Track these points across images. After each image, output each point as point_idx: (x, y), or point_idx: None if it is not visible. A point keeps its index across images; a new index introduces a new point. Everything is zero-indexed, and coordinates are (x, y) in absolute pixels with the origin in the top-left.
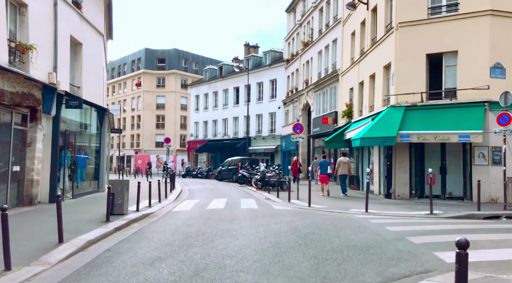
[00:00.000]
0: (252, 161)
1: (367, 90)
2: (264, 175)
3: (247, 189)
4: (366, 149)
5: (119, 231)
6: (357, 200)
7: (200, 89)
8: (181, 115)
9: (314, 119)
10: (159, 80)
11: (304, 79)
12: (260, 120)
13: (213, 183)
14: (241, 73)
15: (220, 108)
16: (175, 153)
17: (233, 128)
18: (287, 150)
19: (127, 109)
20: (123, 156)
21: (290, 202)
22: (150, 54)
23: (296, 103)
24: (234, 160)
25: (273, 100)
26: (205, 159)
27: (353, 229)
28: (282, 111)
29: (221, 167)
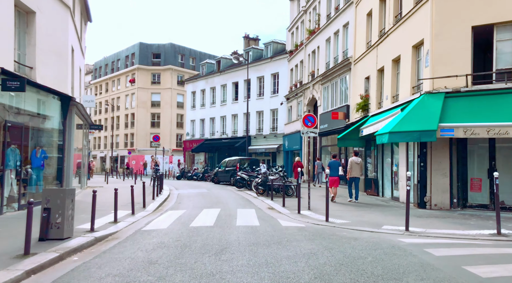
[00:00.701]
0: (252, 161)
1: (389, 77)
2: (266, 178)
3: (246, 194)
4: (387, 146)
5: (35, 274)
6: (381, 209)
7: (196, 85)
8: (177, 113)
9: (321, 115)
10: (154, 77)
11: (309, 71)
12: (260, 117)
13: (208, 186)
14: (240, 67)
15: (218, 105)
16: (171, 153)
17: (232, 127)
18: (291, 149)
19: (121, 107)
20: (117, 156)
21: (301, 214)
22: (145, 49)
23: (300, 98)
24: (232, 160)
25: (275, 96)
26: (202, 159)
27: (419, 275)
28: (284, 108)
29: (218, 168)
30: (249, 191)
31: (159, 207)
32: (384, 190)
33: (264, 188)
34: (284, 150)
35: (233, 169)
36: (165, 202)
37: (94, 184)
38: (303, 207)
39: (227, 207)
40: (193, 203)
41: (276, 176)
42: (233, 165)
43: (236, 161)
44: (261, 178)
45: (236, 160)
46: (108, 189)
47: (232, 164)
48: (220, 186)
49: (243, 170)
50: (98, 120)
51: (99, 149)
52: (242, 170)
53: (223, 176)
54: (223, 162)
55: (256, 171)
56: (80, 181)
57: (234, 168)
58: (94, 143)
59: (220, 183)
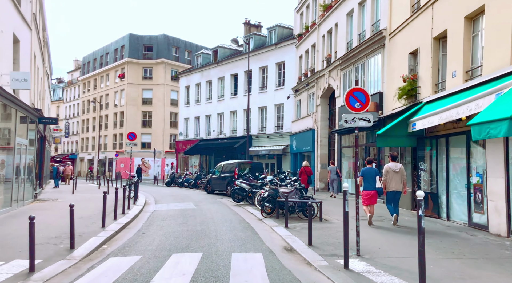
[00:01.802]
0: (254, 166)
1: (459, 44)
2: (276, 191)
3: (247, 212)
4: (458, 145)
5: None
6: (476, 250)
7: (191, 79)
8: (171, 111)
9: (341, 108)
10: (146, 71)
11: (324, 55)
12: (263, 114)
13: (198, 197)
14: (240, 56)
15: (214, 100)
16: (163, 156)
17: (231, 125)
18: (300, 151)
19: (110, 104)
20: (105, 158)
21: (351, 271)
22: (135, 41)
23: (312, 89)
24: (229, 164)
25: (281, 89)
26: (197, 163)
27: None
28: (292, 102)
29: (211, 174)
30: (250, 207)
31: (104, 244)
32: (450, 211)
33: (272, 205)
34: (291, 152)
35: (231, 175)
36: (122, 231)
37: (54, 194)
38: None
39: (215, 247)
40: (163, 234)
41: (289, 187)
42: (231, 171)
43: (234, 165)
44: (268, 190)
45: (234, 164)
46: (62, 204)
47: (229, 169)
48: (213, 196)
49: (243, 177)
50: (86, 119)
51: (87, 150)
52: (242, 177)
53: (218, 184)
54: (218, 166)
55: (261, 178)
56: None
57: (232, 174)
58: (81, 144)
59: (214, 192)
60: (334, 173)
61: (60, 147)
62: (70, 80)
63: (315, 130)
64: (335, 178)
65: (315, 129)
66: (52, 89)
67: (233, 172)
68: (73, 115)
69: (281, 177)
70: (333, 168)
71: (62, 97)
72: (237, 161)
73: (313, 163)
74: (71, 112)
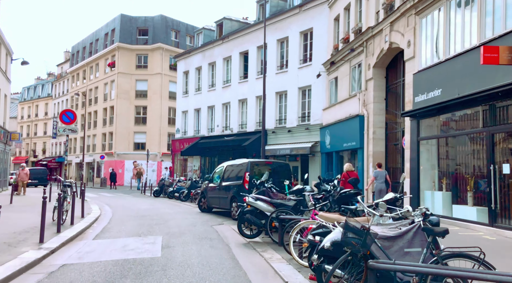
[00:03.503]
0: (277, 168)
1: None
2: (363, 235)
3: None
4: None
5: None
6: None
7: (190, 62)
8: (169, 106)
9: (418, 75)
10: (140, 59)
11: (381, 2)
12: (282, 101)
13: (182, 221)
14: (252, 28)
15: (219, 87)
16: (160, 158)
17: (239, 118)
18: (337, 149)
19: (99, 99)
20: (93, 161)
21: None
22: (127, 23)
23: (358, 57)
24: (236, 166)
25: (306, 66)
26: (197, 166)
27: None
28: (323, 83)
29: (208, 182)
30: (277, 253)
31: None
32: None
33: (355, 270)
34: (322, 151)
35: (238, 184)
36: None
37: None
38: None
39: None
40: None
41: (401, 222)
42: (238, 176)
43: (244, 168)
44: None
45: (244, 166)
46: None
47: (235, 173)
48: (208, 220)
49: (258, 187)
50: None
51: (75, 153)
52: (257, 187)
53: (218, 197)
54: (218, 170)
55: (294, 192)
56: None
57: (240, 183)
58: (70, 146)
59: (212, 210)
60: (382, 180)
61: (48, 150)
62: (59, 73)
63: (363, 117)
64: (383, 188)
65: (364, 115)
66: (41, 85)
67: (242, 178)
68: None
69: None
70: (380, 173)
71: (51, 93)
72: (248, 160)
73: (361, 166)
74: (59, 109)
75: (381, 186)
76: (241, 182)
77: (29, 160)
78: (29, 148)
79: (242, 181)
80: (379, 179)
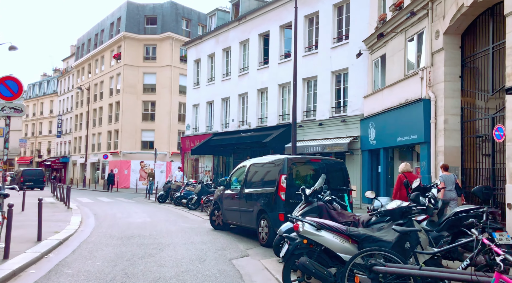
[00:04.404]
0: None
1: None
2: None
3: None
4: None
5: None
6: None
7: (202, 49)
8: (179, 101)
9: None
10: (148, 50)
11: None
12: (311, 89)
13: (188, 250)
14: (275, 4)
15: (234, 76)
16: (169, 158)
17: (258, 111)
18: (386, 145)
19: (105, 94)
20: (98, 162)
21: None
22: (134, 11)
23: (417, 26)
24: (264, 165)
25: (342, 45)
26: (209, 167)
27: None
28: (363, 64)
29: (224, 188)
30: None
31: None
32: None
33: None
34: (364, 148)
35: (269, 192)
36: None
37: None
38: None
39: None
40: None
41: None
42: (268, 181)
43: (278, 167)
44: None
45: (278, 165)
46: None
47: (264, 176)
48: (225, 244)
49: (309, 200)
50: (79, 115)
51: (80, 152)
52: (307, 199)
53: (237, 210)
54: (237, 172)
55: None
56: None
57: (271, 190)
58: (74, 145)
59: (230, 226)
60: (452, 186)
61: (53, 149)
62: (64, 69)
63: (429, 101)
64: (454, 196)
65: (429, 99)
66: (46, 81)
67: (276, 184)
68: (67, 110)
69: (425, 202)
70: (448, 177)
71: (56, 89)
72: (284, 156)
73: (426, 166)
74: (65, 106)
75: (451, 195)
76: (273, 188)
77: (33, 160)
78: (34, 147)
79: (276, 188)
80: (448, 186)
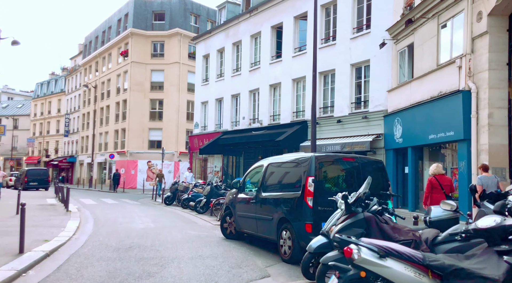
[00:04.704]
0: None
1: None
2: None
3: None
4: None
5: None
6: None
7: (211, 43)
8: (188, 100)
9: None
10: (155, 47)
11: None
12: (328, 83)
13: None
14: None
15: (245, 71)
16: (177, 158)
17: (270, 107)
18: (415, 144)
19: (112, 92)
20: (105, 162)
21: None
22: (142, 7)
23: (453, 9)
24: (286, 164)
25: (363, 35)
26: (218, 167)
27: None
28: (387, 55)
29: (236, 191)
30: None
31: None
32: None
33: None
34: (389, 147)
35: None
36: None
37: None
38: None
39: None
40: None
41: None
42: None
43: (304, 167)
44: None
45: (304, 164)
46: None
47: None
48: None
49: (352, 210)
50: (86, 113)
51: (87, 152)
52: (350, 209)
53: (253, 218)
54: (252, 172)
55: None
56: None
57: (296, 195)
58: (82, 144)
59: (244, 234)
60: (493, 188)
61: (61, 149)
62: (72, 67)
63: (469, 93)
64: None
65: (470, 90)
66: (54, 80)
67: (301, 187)
68: (74, 109)
69: None
70: (488, 179)
71: (64, 88)
72: (311, 154)
73: (466, 167)
74: (72, 105)
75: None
76: (298, 193)
77: (41, 160)
78: (42, 147)
79: (301, 192)
80: (489, 189)
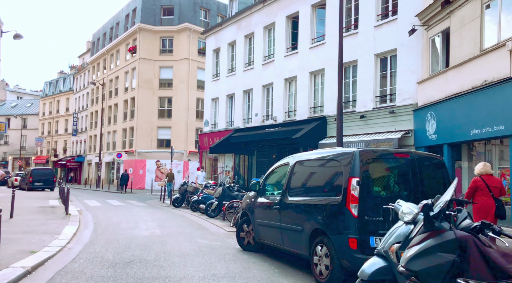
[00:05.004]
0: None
1: None
2: None
3: None
4: None
5: None
6: None
7: (221, 37)
8: (197, 97)
9: None
10: (164, 43)
11: None
12: (349, 76)
13: None
14: None
15: (257, 65)
16: (187, 158)
17: (285, 103)
18: (453, 141)
19: (120, 90)
20: (113, 161)
21: None
22: (150, 2)
23: None
24: (320, 162)
25: (388, 22)
26: (230, 167)
27: None
28: (417, 43)
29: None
30: None
31: None
32: None
33: None
34: (420, 144)
35: (328, 203)
36: None
37: None
38: None
39: None
40: None
41: None
42: (327, 188)
43: (344, 166)
44: None
45: (344, 161)
46: None
47: (319, 179)
48: (262, 280)
49: (434, 227)
50: (94, 112)
51: (95, 151)
52: (432, 225)
53: (278, 227)
54: (274, 173)
55: None
56: None
57: (335, 201)
58: (90, 144)
59: (265, 245)
60: None
61: (69, 148)
62: (80, 65)
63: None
64: None
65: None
66: (62, 79)
67: (341, 190)
68: (83, 108)
69: None
70: None
71: (72, 87)
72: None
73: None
74: (80, 104)
75: None
76: (338, 198)
77: (49, 159)
78: (50, 146)
79: (342, 198)
80: None
